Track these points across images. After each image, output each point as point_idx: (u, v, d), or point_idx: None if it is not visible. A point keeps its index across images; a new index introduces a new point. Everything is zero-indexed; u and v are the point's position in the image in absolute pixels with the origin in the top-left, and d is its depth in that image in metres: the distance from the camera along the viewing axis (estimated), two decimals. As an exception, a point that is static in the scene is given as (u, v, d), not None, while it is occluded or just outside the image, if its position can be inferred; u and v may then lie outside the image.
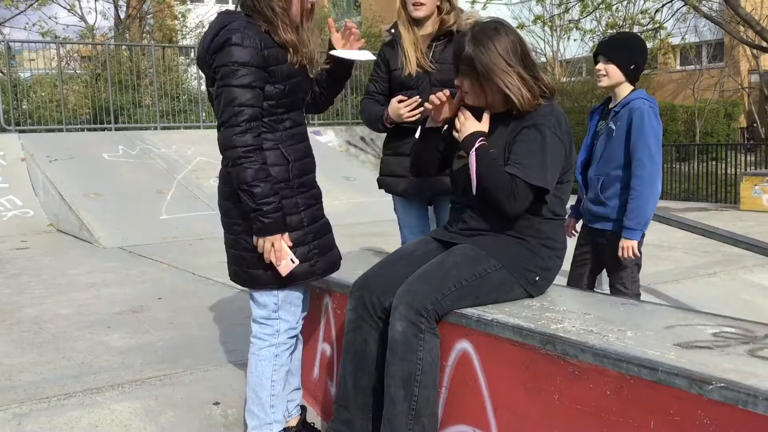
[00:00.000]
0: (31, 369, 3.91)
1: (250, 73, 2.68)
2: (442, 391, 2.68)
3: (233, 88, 2.68)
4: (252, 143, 2.68)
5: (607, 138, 3.65)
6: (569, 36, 17.50)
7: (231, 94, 2.68)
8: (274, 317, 2.93)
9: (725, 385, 1.82)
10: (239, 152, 2.68)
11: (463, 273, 2.67)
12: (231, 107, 2.68)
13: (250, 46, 2.68)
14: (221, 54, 2.70)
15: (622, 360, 2.05)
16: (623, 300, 2.81)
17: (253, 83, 2.69)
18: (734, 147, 15.95)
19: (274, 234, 2.73)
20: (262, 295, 2.91)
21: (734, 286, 5.83)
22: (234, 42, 2.68)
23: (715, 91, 24.71)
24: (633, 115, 3.52)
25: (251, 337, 3.00)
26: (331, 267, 2.99)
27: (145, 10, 21.81)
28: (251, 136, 2.69)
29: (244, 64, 2.67)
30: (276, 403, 2.97)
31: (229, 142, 2.69)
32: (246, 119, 2.68)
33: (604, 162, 3.66)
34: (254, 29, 2.74)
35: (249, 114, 2.68)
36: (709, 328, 2.31)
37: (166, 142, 12.10)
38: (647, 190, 3.51)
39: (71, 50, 16.57)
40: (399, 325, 2.59)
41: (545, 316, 2.51)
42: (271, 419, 2.96)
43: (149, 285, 6.18)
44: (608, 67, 3.60)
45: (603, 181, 3.65)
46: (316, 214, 2.92)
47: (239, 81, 2.67)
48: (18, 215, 10.08)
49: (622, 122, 3.58)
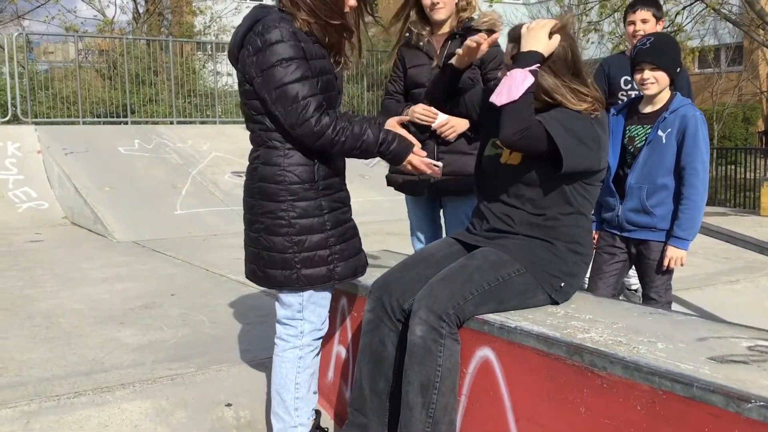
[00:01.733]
0: (41, 365, 3.86)
1: (300, 66, 2.62)
2: (462, 399, 2.60)
3: (289, 85, 2.60)
4: (330, 121, 2.64)
5: (654, 145, 3.47)
6: (588, 38, 17.35)
7: (291, 91, 2.60)
8: (299, 317, 2.85)
9: (765, 403, 1.73)
10: (330, 135, 2.64)
11: (485, 277, 2.59)
12: (296, 104, 2.61)
13: (291, 40, 2.62)
14: (265, 56, 2.62)
15: (654, 374, 1.96)
16: (651, 309, 2.72)
17: (306, 74, 2.63)
18: (752, 151, 15.76)
19: (408, 154, 2.76)
20: (287, 295, 2.84)
21: (758, 294, 5.71)
22: (275, 40, 2.60)
23: (733, 94, 24.47)
24: (687, 123, 3.40)
25: (275, 338, 2.94)
26: (354, 272, 2.89)
27: (164, 5, 21.82)
28: (326, 117, 2.64)
29: (291, 59, 2.60)
30: (300, 405, 2.90)
31: (314, 136, 2.64)
32: (315, 108, 2.62)
33: (649, 169, 3.49)
34: (289, 23, 2.66)
35: (315, 104, 2.62)
36: (743, 341, 2.22)
37: (182, 137, 12.07)
38: (701, 200, 3.43)
39: (90, 43, 16.59)
40: (419, 329, 2.51)
41: (571, 325, 2.43)
42: (296, 422, 2.89)
43: (162, 281, 6.13)
44: (657, 74, 3.41)
45: (647, 189, 3.49)
46: (341, 218, 2.83)
47: (293, 76, 2.60)
48: (33, 207, 10.07)
49: (672, 130, 3.43)
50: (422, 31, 3.70)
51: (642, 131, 3.54)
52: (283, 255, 2.76)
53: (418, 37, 3.72)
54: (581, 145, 2.61)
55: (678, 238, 3.45)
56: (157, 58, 15.05)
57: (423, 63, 3.70)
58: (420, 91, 3.68)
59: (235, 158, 11.04)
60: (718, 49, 25.61)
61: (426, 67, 3.68)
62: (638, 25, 4.53)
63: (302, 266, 2.76)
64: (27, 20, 20.08)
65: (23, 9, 19.48)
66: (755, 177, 13.21)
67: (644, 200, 3.50)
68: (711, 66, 25.64)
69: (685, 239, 3.45)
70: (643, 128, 3.53)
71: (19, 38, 13.17)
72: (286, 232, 2.74)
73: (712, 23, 21.42)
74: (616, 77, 4.76)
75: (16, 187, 10.31)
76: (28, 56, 14.15)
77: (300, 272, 2.77)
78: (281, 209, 2.73)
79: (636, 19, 4.54)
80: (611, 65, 4.88)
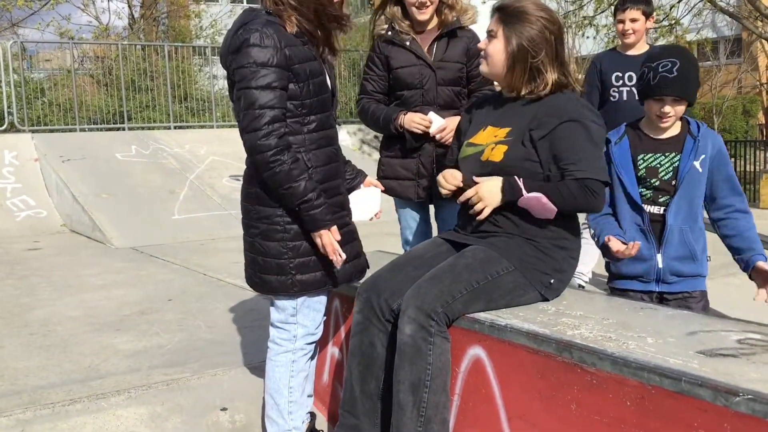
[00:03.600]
0: (37, 373, 3.85)
1: (270, 74, 2.56)
2: (454, 398, 2.59)
3: (252, 90, 2.56)
4: (277, 144, 2.57)
5: (691, 177, 2.95)
6: (583, 33, 17.32)
7: (251, 96, 2.57)
8: (292, 321, 2.84)
9: (753, 396, 1.72)
10: (267, 157, 2.57)
11: (474, 275, 2.58)
12: (251, 110, 2.56)
13: (270, 46, 2.57)
14: (239, 56, 2.59)
15: (643, 369, 1.95)
16: (642, 304, 2.71)
17: (274, 83, 2.57)
18: (753, 144, 15.73)
19: (328, 225, 2.65)
20: (281, 299, 2.83)
21: (754, 287, 5.68)
22: (252, 42, 2.57)
23: (732, 87, 24.42)
24: (719, 146, 2.99)
25: (269, 342, 2.93)
26: (350, 277, 2.87)
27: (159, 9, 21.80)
28: (275, 137, 2.57)
29: (263, 65, 2.56)
30: (294, 409, 2.89)
31: (254, 148, 2.58)
32: (268, 121, 2.56)
33: (689, 206, 2.98)
34: (274, 27, 2.62)
35: (270, 116, 2.56)
36: (733, 335, 2.21)
37: (180, 142, 12.06)
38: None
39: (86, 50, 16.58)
40: (408, 328, 2.49)
41: (561, 321, 2.42)
42: (290, 426, 2.88)
43: (159, 286, 6.12)
44: (678, 108, 2.91)
45: (693, 230, 3.00)
46: (338, 223, 2.76)
47: (258, 82, 2.56)
48: (31, 215, 10.07)
49: (706, 156, 2.96)
50: (404, 27, 3.62)
51: (666, 160, 2.99)
52: (278, 260, 2.74)
53: (400, 34, 3.63)
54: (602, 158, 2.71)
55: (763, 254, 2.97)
56: (153, 63, 15.04)
57: (412, 63, 3.63)
58: (411, 93, 3.63)
59: (233, 162, 11.03)
60: (717, 41, 25.56)
61: (416, 68, 3.62)
62: (628, 24, 4.63)
63: (297, 272, 2.75)
64: (23, 28, 20.11)
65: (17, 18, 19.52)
66: (755, 170, 13.18)
67: (692, 244, 2.98)
68: (710, 59, 25.60)
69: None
70: (666, 157, 2.99)
71: (14, 46, 13.17)
72: (281, 237, 2.72)
73: (709, 16, 21.39)
74: (607, 73, 4.77)
75: (14, 196, 10.30)
76: (24, 64, 14.14)
77: (295, 278, 2.75)
78: (276, 214, 2.71)
79: (625, 18, 4.65)
80: (603, 62, 4.91)
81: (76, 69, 14.19)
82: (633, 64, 4.46)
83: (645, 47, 4.80)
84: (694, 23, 19.23)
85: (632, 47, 4.80)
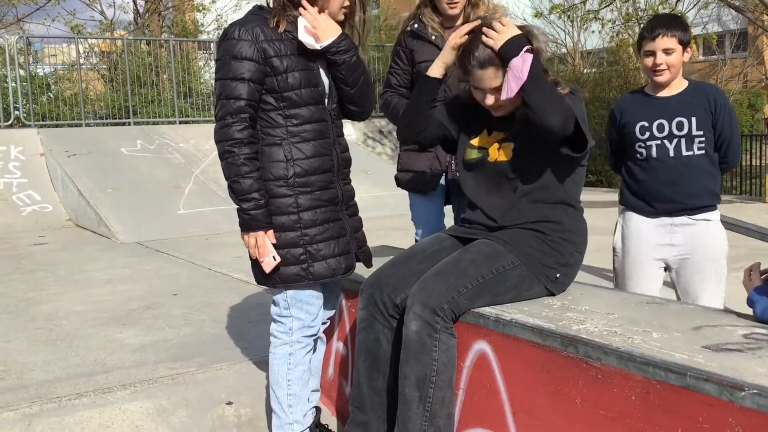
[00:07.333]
0: (43, 367, 3.87)
1: (241, 66, 2.64)
2: (459, 393, 2.59)
3: (223, 81, 2.67)
4: (236, 137, 2.65)
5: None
6: (588, 27, 17.26)
7: (221, 87, 2.68)
8: (286, 314, 2.85)
9: (758, 391, 1.71)
10: (224, 146, 2.67)
11: (480, 270, 2.57)
12: (220, 100, 2.67)
13: (246, 39, 2.64)
14: (219, 49, 2.72)
15: (648, 364, 1.94)
16: (648, 298, 2.70)
17: (243, 75, 2.64)
18: (758, 138, 15.67)
19: (256, 230, 2.69)
20: (275, 292, 2.85)
21: (761, 281, 5.67)
22: (229, 36, 2.67)
23: (738, 81, 24.34)
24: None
25: (270, 335, 2.94)
26: (333, 273, 2.82)
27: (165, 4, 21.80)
28: (236, 129, 2.65)
29: (234, 57, 2.65)
30: (294, 402, 2.89)
31: (216, 136, 2.70)
32: (232, 112, 2.65)
33: None
34: (257, 21, 2.69)
35: (236, 107, 2.65)
36: (739, 329, 2.20)
37: (185, 137, 12.09)
38: None
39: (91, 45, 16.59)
40: (413, 324, 2.49)
41: (566, 316, 2.41)
42: (291, 419, 2.89)
43: (165, 281, 6.14)
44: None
45: None
46: (321, 217, 2.77)
47: (225, 74, 2.66)
48: (37, 210, 10.11)
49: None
50: (434, 23, 3.57)
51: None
52: None
53: (429, 29, 3.58)
54: (585, 124, 2.62)
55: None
56: (159, 58, 15.05)
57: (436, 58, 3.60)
58: None
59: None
60: (722, 35, 25.48)
61: None
62: (660, 56, 3.21)
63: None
64: (28, 23, 20.14)
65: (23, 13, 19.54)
66: (761, 164, 13.11)
67: None
68: (715, 53, 25.52)
69: None
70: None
71: (20, 41, 13.19)
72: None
73: (715, 10, 21.32)
74: (631, 124, 3.39)
75: (20, 191, 10.34)
76: (30, 60, 14.16)
77: (274, 271, 2.76)
78: None
79: (656, 48, 3.21)
80: (624, 109, 3.45)
81: (82, 64, 14.20)
82: (665, 109, 3.30)
83: (683, 85, 3.34)
84: (699, 17, 19.17)
85: (664, 87, 3.32)
